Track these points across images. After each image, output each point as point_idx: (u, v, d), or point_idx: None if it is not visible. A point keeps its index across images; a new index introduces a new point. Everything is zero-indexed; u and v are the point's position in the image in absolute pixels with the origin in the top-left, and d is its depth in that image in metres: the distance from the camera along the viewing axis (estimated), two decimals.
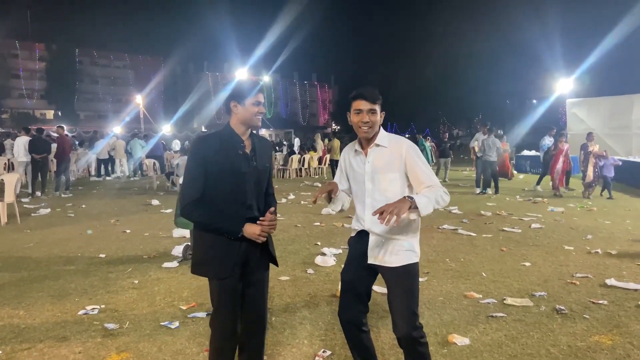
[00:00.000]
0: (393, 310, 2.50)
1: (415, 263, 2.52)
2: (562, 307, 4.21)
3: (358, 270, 2.58)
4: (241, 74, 39.33)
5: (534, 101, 47.96)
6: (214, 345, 2.52)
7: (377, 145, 2.52)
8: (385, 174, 2.49)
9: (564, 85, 27.01)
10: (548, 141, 14.78)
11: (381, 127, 2.56)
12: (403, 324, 2.44)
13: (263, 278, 2.61)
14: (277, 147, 24.59)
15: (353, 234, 2.69)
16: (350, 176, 2.66)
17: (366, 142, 2.57)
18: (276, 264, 2.67)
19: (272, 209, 2.50)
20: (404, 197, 2.30)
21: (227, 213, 2.41)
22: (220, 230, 2.39)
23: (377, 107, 2.49)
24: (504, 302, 4.39)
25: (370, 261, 2.52)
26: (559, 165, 12.53)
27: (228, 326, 2.47)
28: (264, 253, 2.59)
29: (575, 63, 30.91)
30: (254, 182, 2.49)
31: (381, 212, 2.20)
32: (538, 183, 13.35)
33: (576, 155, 14.48)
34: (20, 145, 12.34)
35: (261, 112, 2.49)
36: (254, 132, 2.60)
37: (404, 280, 2.48)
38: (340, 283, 4.67)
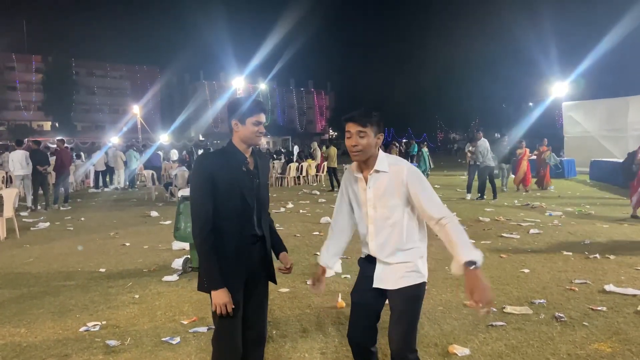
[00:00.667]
0: (391, 325, 2.48)
1: (420, 284, 2.47)
2: (562, 315, 4.23)
3: (366, 292, 2.53)
4: (238, 82, 39.45)
5: (530, 104, 48.21)
6: None
7: (377, 171, 2.43)
8: (387, 201, 2.41)
9: (559, 89, 27.24)
10: (472, 148, 13.18)
11: (380, 150, 2.47)
12: (398, 342, 2.43)
13: (263, 295, 2.64)
14: (274, 156, 24.58)
15: (362, 256, 2.64)
16: (353, 202, 2.60)
17: (365, 166, 2.47)
18: (275, 281, 2.69)
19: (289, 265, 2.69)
20: (470, 271, 2.17)
21: (233, 236, 2.42)
22: (207, 271, 2.39)
23: (369, 130, 2.38)
24: (504, 310, 4.41)
25: (375, 285, 2.48)
26: None
27: (230, 344, 2.48)
28: (264, 270, 2.62)
29: (570, 67, 31.15)
30: (257, 199, 2.52)
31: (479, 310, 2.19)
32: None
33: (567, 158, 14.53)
34: (15, 160, 12.20)
35: (261, 131, 2.51)
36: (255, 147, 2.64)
37: (405, 301, 2.44)
38: (339, 295, 4.70)
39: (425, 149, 20.83)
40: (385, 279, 2.48)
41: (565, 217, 9.55)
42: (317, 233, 8.34)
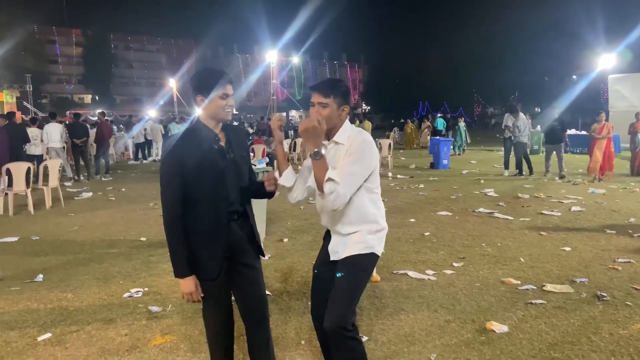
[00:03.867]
0: (330, 297, 2.40)
1: (367, 254, 2.41)
2: (604, 294, 4.12)
3: (324, 265, 2.54)
4: (271, 55, 39.26)
5: (574, 77, 46.27)
6: (209, 335, 2.60)
7: (335, 142, 2.39)
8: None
9: (605, 61, 25.99)
10: (510, 122, 12.63)
11: (347, 122, 2.42)
12: (329, 315, 2.33)
13: (255, 271, 2.53)
14: None
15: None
16: None
17: (330, 136, 2.42)
18: (262, 254, 2.59)
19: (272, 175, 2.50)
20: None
21: (208, 216, 2.34)
22: (174, 259, 2.36)
23: (331, 101, 2.34)
24: (543, 288, 4.32)
25: (331, 258, 2.48)
26: None
27: (219, 318, 2.51)
28: (250, 244, 2.51)
29: (617, 37, 29.63)
30: (233, 175, 2.39)
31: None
32: None
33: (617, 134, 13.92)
34: (50, 132, 12.48)
35: (230, 104, 2.33)
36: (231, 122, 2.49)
37: (347, 269, 2.39)
38: (374, 269, 4.70)
39: (462, 124, 20.41)
40: (336, 251, 2.47)
41: (609, 195, 9.22)
42: None
